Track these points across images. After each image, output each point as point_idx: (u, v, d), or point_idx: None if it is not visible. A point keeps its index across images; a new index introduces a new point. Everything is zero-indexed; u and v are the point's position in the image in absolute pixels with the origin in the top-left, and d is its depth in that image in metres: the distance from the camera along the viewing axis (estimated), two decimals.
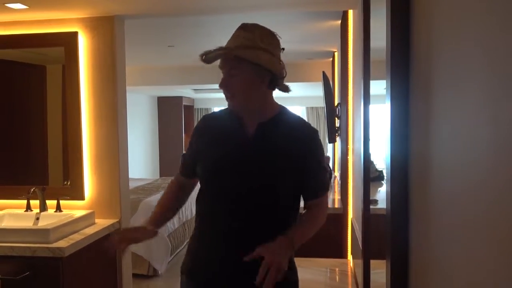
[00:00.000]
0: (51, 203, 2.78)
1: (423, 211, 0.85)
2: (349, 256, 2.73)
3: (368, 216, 1.62)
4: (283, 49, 1.55)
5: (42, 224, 2.57)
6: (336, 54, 4.72)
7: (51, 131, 3.01)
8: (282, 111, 1.59)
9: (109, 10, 2.73)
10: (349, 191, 2.74)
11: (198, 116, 9.80)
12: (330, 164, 4.88)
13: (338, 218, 2.99)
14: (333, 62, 5.00)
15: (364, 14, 1.72)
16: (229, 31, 1.61)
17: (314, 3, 2.77)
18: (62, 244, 2.33)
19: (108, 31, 2.80)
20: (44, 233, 2.35)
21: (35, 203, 2.77)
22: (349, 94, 2.78)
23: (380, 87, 1.60)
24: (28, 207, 2.81)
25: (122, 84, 2.90)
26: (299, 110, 9.70)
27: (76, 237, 2.46)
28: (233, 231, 1.50)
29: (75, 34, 2.81)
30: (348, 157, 2.80)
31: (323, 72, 3.64)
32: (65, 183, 2.90)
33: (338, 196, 3.49)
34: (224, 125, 1.59)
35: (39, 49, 2.92)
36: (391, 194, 0.96)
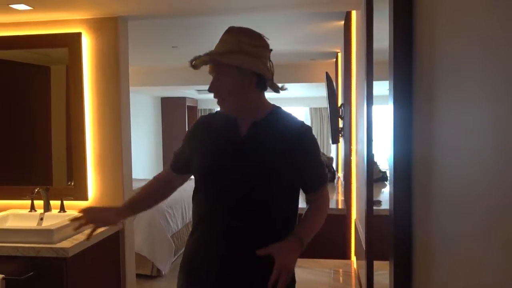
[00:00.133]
0: (55, 204, 2.79)
1: (427, 212, 0.85)
2: (353, 257, 2.73)
3: (372, 217, 1.61)
4: (271, 50, 1.57)
5: (46, 225, 2.57)
6: (340, 55, 4.71)
7: (55, 132, 3.02)
8: (275, 111, 1.61)
9: (113, 11, 2.74)
10: (353, 192, 2.74)
11: None
12: (334, 165, 4.87)
13: (342, 219, 2.98)
14: (337, 63, 4.99)
15: (367, 15, 1.72)
16: None
17: (317, 4, 2.77)
18: (66, 245, 2.34)
19: (112, 32, 2.81)
20: (48, 234, 2.36)
21: (39, 204, 2.78)
22: (352, 95, 2.77)
23: (383, 88, 1.60)
24: (32, 208, 2.83)
25: (126, 85, 2.90)
26: (303, 111, 9.69)
27: (80, 238, 2.46)
28: (231, 230, 1.51)
29: (79, 35, 2.82)
30: (351, 158, 2.80)
31: (326, 73, 3.64)
32: (69, 184, 2.91)
33: (342, 197, 3.48)
34: (218, 126, 1.62)
35: (43, 50, 2.93)
36: (394, 195, 0.96)
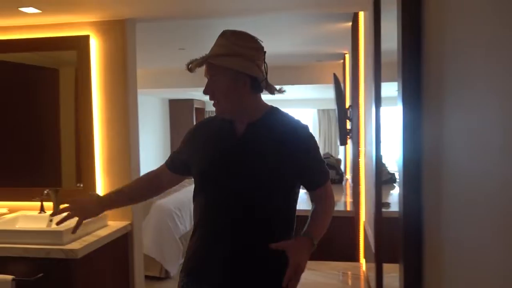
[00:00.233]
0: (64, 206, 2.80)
1: (437, 214, 0.84)
2: (362, 260, 2.71)
3: (381, 219, 1.61)
4: (265, 52, 1.58)
5: (56, 226, 2.59)
6: (347, 56, 4.70)
7: (64, 134, 3.04)
8: (272, 111, 1.62)
9: (121, 14, 2.75)
10: (361, 194, 2.72)
11: None
12: (342, 167, 4.85)
13: (350, 221, 2.97)
14: (344, 64, 4.98)
15: (375, 16, 1.71)
16: None
17: (325, 5, 2.77)
18: (75, 246, 2.35)
19: (120, 35, 2.82)
20: (58, 235, 2.37)
21: (49, 205, 2.80)
22: (361, 96, 2.76)
23: (392, 89, 1.59)
24: (42, 209, 2.85)
25: (134, 87, 2.92)
26: (311, 112, 9.66)
27: (89, 239, 2.48)
28: (229, 230, 1.53)
29: (87, 38, 2.84)
30: (360, 160, 2.79)
31: (334, 74, 3.63)
32: (78, 185, 2.92)
33: (350, 199, 3.47)
34: (216, 129, 1.64)
35: (52, 53, 2.95)
36: (404, 198, 0.95)
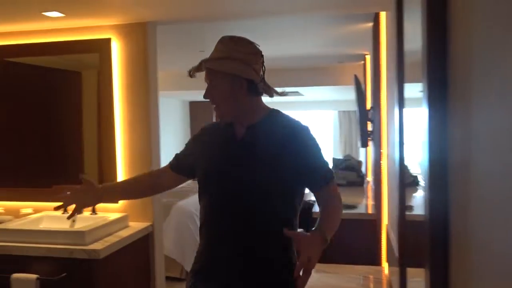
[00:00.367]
0: None
1: (464, 218, 0.82)
2: (384, 263, 2.67)
3: (405, 223, 1.58)
4: (263, 56, 1.60)
5: (78, 226, 2.63)
6: (368, 57, 4.65)
7: (87, 135, 3.08)
8: (272, 114, 1.64)
9: (142, 17, 2.78)
10: (383, 197, 2.68)
11: None
12: (363, 169, 4.80)
13: (372, 224, 2.93)
14: (365, 66, 4.93)
15: (398, 16, 1.68)
16: (258, 36, 1.63)
17: (346, 6, 2.74)
18: (97, 246, 2.38)
19: (141, 37, 2.85)
20: (80, 235, 2.40)
21: (72, 206, 2.83)
22: (382, 98, 2.72)
23: (414, 90, 1.56)
24: (65, 210, 2.88)
25: (155, 89, 2.94)
26: (331, 114, 9.59)
27: (111, 240, 2.50)
28: (231, 231, 1.55)
29: (109, 41, 2.88)
30: (382, 162, 2.75)
31: (355, 76, 3.60)
32: None
33: (372, 202, 3.43)
34: (219, 132, 1.68)
35: (75, 56, 3.00)
36: (430, 201, 0.93)
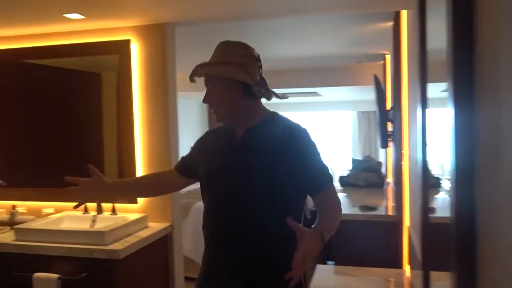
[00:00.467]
0: (107, 206, 2.87)
1: (493, 221, 0.79)
2: (406, 266, 2.63)
3: (428, 225, 1.54)
4: (259, 59, 1.63)
5: (99, 227, 2.65)
6: (388, 57, 4.59)
7: (107, 136, 3.11)
8: (271, 116, 1.66)
9: (160, 18, 2.79)
10: (405, 199, 2.64)
11: None
12: (383, 170, 4.74)
13: (393, 226, 2.89)
14: (385, 65, 4.87)
15: (420, 14, 1.65)
16: (277, 36, 1.63)
17: (367, 5, 2.71)
18: (117, 247, 2.39)
19: (160, 38, 2.87)
20: (100, 235, 2.42)
21: (92, 206, 2.87)
22: (403, 98, 2.68)
23: (436, 90, 1.52)
24: (86, 210, 2.92)
25: (173, 90, 2.95)
26: (350, 115, 9.51)
27: (130, 240, 2.52)
28: (229, 232, 1.57)
29: (128, 42, 2.90)
30: (403, 163, 2.70)
31: (375, 76, 3.55)
32: None
33: (393, 204, 3.38)
34: (220, 136, 1.73)
35: (95, 57, 3.03)
36: (456, 202, 0.90)
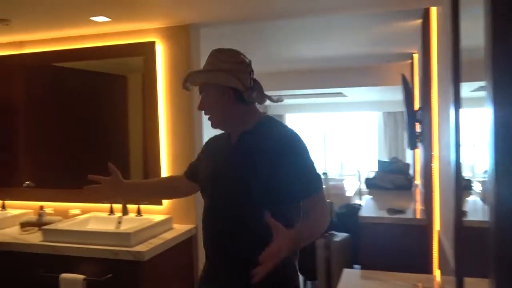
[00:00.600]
0: (132, 208, 2.88)
1: None
2: (436, 271, 2.55)
3: (462, 229, 1.48)
4: (250, 65, 1.69)
5: (124, 228, 2.66)
6: (416, 56, 4.49)
7: (132, 138, 3.13)
8: (264, 121, 1.68)
9: (184, 19, 2.79)
10: (435, 202, 2.56)
11: None
12: (411, 172, 4.63)
13: (421, 230, 2.81)
14: (412, 65, 4.76)
15: (453, 11, 1.59)
16: (303, 36, 1.60)
17: (395, 3, 2.64)
18: (142, 248, 2.39)
19: (184, 40, 2.86)
20: (125, 237, 2.43)
21: (118, 207, 2.89)
22: (433, 98, 2.60)
23: (465, 90, 1.46)
24: (111, 211, 2.94)
25: (197, 92, 2.94)
26: (376, 116, 9.37)
27: (155, 242, 2.52)
28: (221, 236, 1.62)
29: (153, 44, 2.91)
30: (433, 165, 2.62)
31: (403, 75, 3.48)
32: None
33: (421, 206, 3.29)
34: (219, 141, 1.78)
35: (121, 60, 3.05)
36: (497, 206, 0.85)
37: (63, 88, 3.27)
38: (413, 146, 3.29)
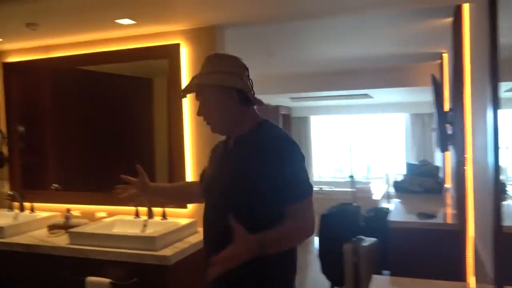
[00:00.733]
0: (158, 211, 2.88)
1: None
2: (470, 279, 2.45)
3: (502, 236, 1.40)
4: (247, 69, 1.69)
5: (149, 232, 2.66)
6: (445, 56, 4.36)
7: (158, 140, 3.13)
8: (259, 125, 1.67)
9: (209, 20, 2.78)
10: (468, 206, 2.46)
11: (296, 126, 9.64)
12: (441, 175, 4.50)
13: (453, 235, 2.71)
14: (442, 65, 4.63)
15: (490, 8, 1.51)
16: (328, 37, 1.55)
17: (426, 0, 2.57)
18: (167, 252, 2.38)
19: (209, 42, 2.85)
20: (151, 241, 2.42)
21: (144, 210, 2.89)
22: (466, 98, 2.50)
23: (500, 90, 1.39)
24: (137, 214, 2.94)
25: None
26: (402, 117, 9.18)
27: (180, 246, 2.50)
28: (216, 235, 1.63)
29: (178, 46, 2.90)
30: (466, 168, 2.52)
31: (433, 76, 3.38)
32: None
33: (452, 211, 3.18)
34: (220, 146, 1.79)
35: (145, 62, 3.06)
36: None
37: (89, 92, 3.30)
38: (444, 148, 3.19)
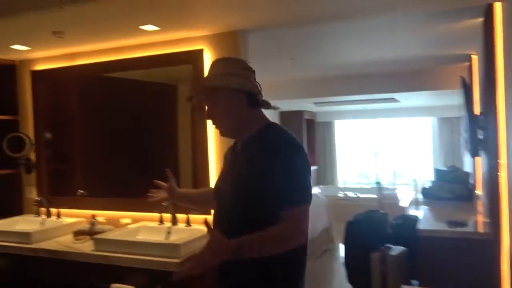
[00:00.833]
0: (181, 217, 2.86)
1: None
2: None
3: None
4: (254, 72, 1.70)
5: (173, 239, 2.64)
6: (475, 57, 4.23)
7: (182, 147, 3.13)
8: (266, 128, 1.67)
9: (232, 25, 2.76)
10: (503, 214, 2.35)
11: (320, 130, 9.55)
12: (471, 181, 4.35)
13: (486, 245, 2.60)
14: (471, 67, 4.49)
15: None
16: (353, 40, 1.50)
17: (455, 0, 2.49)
18: None
19: (232, 47, 2.82)
20: (175, 248, 2.40)
21: (168, 217, 2.87)
22: (499, 102, 2.40)
23: None
24: (161, 221, 2.93)
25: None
26: (429, 121, 8.98)
27: None
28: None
29: (201, 52, 2.89)
30: (500, 174, 2.42)
31: (462, 78, 3.27)
32: None
33: (484, 219, 3.05)
34: (230, 150, 1.80)
35: (170, 68, 3.05)
36: None
37: (114, 98, 3.32)
38: (475, 154, 3.08)
